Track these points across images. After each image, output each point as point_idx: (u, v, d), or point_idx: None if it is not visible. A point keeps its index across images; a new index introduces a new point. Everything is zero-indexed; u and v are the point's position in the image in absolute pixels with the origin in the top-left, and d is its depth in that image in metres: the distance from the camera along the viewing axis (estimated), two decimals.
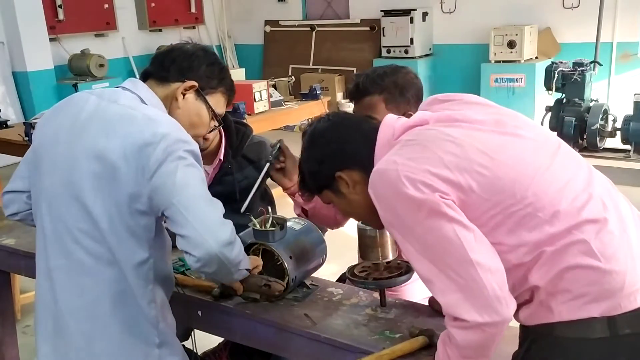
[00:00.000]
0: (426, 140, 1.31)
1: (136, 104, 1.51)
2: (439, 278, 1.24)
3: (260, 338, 1.75)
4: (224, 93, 1.70)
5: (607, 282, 1.19)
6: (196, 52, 1.66)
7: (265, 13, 9.28)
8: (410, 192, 1.22)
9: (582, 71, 5.58)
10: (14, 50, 6.85)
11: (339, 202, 1.48)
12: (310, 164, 1.49)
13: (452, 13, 7.50)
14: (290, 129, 7.58)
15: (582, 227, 1.21)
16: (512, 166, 1.25)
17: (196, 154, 1.48)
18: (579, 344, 1.22)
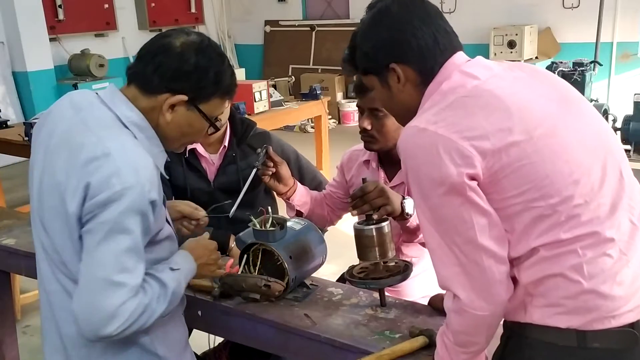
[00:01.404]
0: (474, 106, 1.22)
1: (105, 134, 1.35)
2: (442, 250, 1.23)
3: (260, 338, 1.75)
4: (222, 96, 1.47)
5: (583, 301, 1.17)
6: (184, 54, 1.39)
7: (265, 13, 9.29)
8: (440, 162, 1.17)
9: (582, 71, 5.57)
10: (14, 50, 6.84)
11: (381, 92, 1.38)
12: (366, 43, 1.35)
13: (452, 13, 7.49)
14: (290, 129, 7.58)
15: (587, 240, 1.17)
16: (552, 160, 1.19)
17: (144, 202, 1.33)
18: (548, 347, 1.21)
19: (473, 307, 1.21)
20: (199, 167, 2.35)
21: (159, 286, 1.41)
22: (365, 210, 1.71)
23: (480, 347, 1.30)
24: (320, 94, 5.42)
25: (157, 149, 1.45)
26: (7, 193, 5.26)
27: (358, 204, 1.72)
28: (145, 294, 1.37)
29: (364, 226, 1.70)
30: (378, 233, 1.68)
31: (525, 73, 1.32)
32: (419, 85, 1.32)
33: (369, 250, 1.69)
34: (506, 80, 1.27)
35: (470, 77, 1.27)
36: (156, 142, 1.45)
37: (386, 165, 2.06)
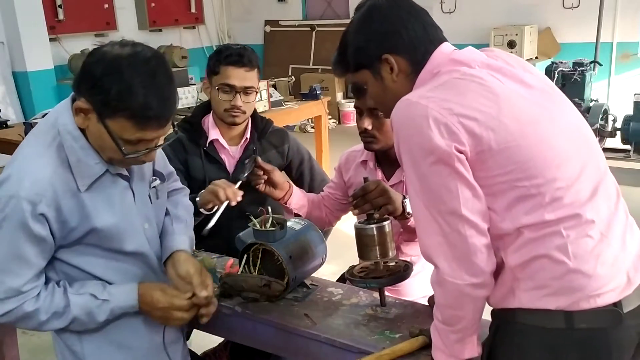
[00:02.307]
0: (465, 88, 1.28)
1: (30, 140, 1.49)
2: (427, 219, 1.27)
3: (260, 338, 1.75)
4: (129, 118, 1.35)
5: (569, 281, 1.21)
6: (100, 62, 1.35)
7: (265, 13, 9.29)
8: (430, 133, 1.21)
9: (582, 71, 5.58)
10: (14, 50, 6.84)
11: (374, 85, 1.42)
12: (359, 38, 1.41)
13: (452, 13, 7.50)
14: (290, 129, 7.58)
15: (570, 222, 1.22)
16: (536, 144, 1.24)
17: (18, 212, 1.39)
18: (538, 331, 1.25)
19: (453, 277, 1.25)
20: (218, 158, 2.37)
21: (62, 305, 1.49)
22: (367, 209, 1.71)
23: (468, 324, 1.31)
24: (320, 94, 5.42)
25: (92, 161, 1.45)
26: None
27: (359, 204, 1.72)
28: (35, 301, 1.47)
29: (365, 225, 1.70)
30: (379, 232, 1.68)
31: (511, 64, 1.37)
32: (410, 74, 1.38)
33: (370, 250, 1.69)
34: (494, 69, 1.34)
35: (460, 64, 1.34)
36: (91, 153, 1.45)
37: (384, 165, 2.06)
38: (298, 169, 2.49)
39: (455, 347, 1.33)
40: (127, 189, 1.56)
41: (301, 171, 2.49)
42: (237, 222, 2.32)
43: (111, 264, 1.55)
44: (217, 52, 2.30)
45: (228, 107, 2.26)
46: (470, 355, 1.34)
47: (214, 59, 2.29)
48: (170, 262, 1.62)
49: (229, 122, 2.31)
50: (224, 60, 2.25)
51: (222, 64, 2.25)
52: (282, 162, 2.44)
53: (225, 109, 2.27)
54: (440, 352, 1.36)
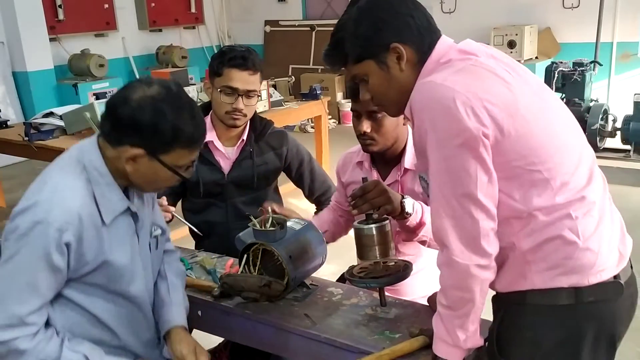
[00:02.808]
0: (484, 75, 1.31)
1: (57, 171, 1.51)
2: (441, 201, 1.30)
3: (260, 338, 1.75)
4: (184, 147, 1.46)
5: (580, 259, 1.28)
6: (139, 109, 1.42)
7: (265, 13, 9.29)
8: (458, 115, 1.23)
9: (582, 71, 5.58)
10: (14, 50, 6.84)
11: (378, 75, 1.40)
12: (363, 27, 1.38)
13: (452, 13, 7.50)
14: (290, 129, 7.58)
15: (576, 204, 1.29)
16: (545, 130, 1.31)
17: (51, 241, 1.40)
18: (548, 309, 1.31)
19: (462, 257, 1.28)
20: (212, 160, 2.37)
21: (53, 355, 1.46)
22: (365, 209, 1.71)
23: (472, 308, 1.33)
24: (320, 94, 5.41)
25: (115, 197, 1.51)
26: (7, 193, 5.26)
27: (358, 204, 1.71)
28: (30, 340, 1.43)
29: (364, 225, 1.69)
30: (378, 232, 1.68)
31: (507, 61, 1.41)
32: (416, 64, 1.39)
33: (369, 250, 1.69)
34: (498, 59, 1.38)
35: (469, 53, 1.36)
36: (115, 190, 1.51)
37: (379, 165, 2.07)
38: (297, 171, 2.49)
39: (459, 334, 1.34)
40: (134, 233, 1.59)
41: (301, 173, 2.49)
42: (234, 223, 2.35)
43: (111, 307, 1.56)
44: (221, 53, 2.29)
45: (230, 109, 2.26)
46: (473, 344, 1.37)
47: (217, 60, 2.27)
48: (168, 340, 1.65)
49: (229, 125, 2.30)
50: (228, 62, 2.24)
51: (226, 66, 2.24)
52: (280, 164, 2.43)
53: (227, 111, 2.26)
54: (442, 343, 1.37)
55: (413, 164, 2.01)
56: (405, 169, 2.01)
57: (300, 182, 2.52)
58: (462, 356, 1.38)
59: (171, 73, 4.89)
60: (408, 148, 2.02)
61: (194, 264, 2.08)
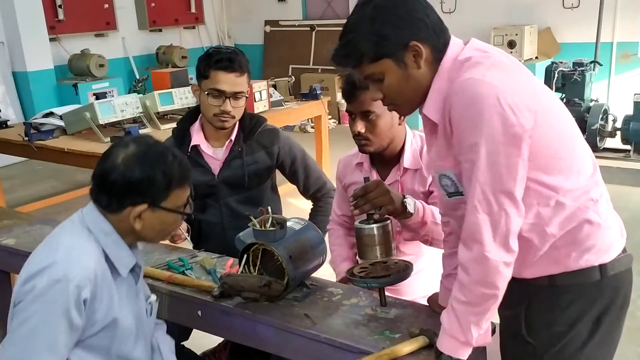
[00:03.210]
0: (512, 69, 1.36)
1: (65, 233, 1.53)
2: (478, 197, 1.31)
3: (260, 338, 1.75)
4: (179, 187, 1.54)
5: (603, 237, 1.39)
6: (128, 169, 1.47)
7: (265, 13, 9.29)
8: (505, 113, 1.26)
9: (582, 71, 5.58)
10: (14, 50, 6.84)
11: (396, 74, 1.39)
12: (381, 25, 1.36)
13: (452, 13, 7.50)
14: (290, 129, 7.58)
15: (594, 187, 1.40)
16: (560, 120, 1.39)
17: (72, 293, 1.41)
18: (576, 288, 1.40)
19: (493, 254, 1.31)
20: (201, 162, 2.37)
21: None
22: (367, 209, 1.70)
23: (491, 305, 1.36)
24: (320, 94, 5.41)
25: (124, 253, 1.55)
26: (7, 193, 5.26)
27: (359, 203, 1.71)
28: None
29: (365, 225, 1.69)
30: (380, 232, 1.67)
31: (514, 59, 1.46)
32: (433, 62, 1.40)
33: (370, 250, 1.69)
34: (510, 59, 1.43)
35: (482, 51, 1.40)
36: (123, 246, 1.55)
37: (378, 166, 2.07)
38: (291, 168, 2.46)
39: (472, 330, 1.36)
40: (136, 294, 1.61)
41: (294, 170, 2.47)
42: (230, 223, 2.37)
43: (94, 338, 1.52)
44: (208, 55, 2.28)
45: (217, 112, 2.26)
46: (483, 342, 1.41)
47: (204, 62, 2.27)
48: None
49: (217, 127, 2.31)
50: (215, 64, 2.23)
51: (213, 69, 2.23)
52: (272, 163, 2.42)
53: (215, 113, 2.26)
54: (451, 340, 1.38)
55: (412, 164, 2.02)
56: (405, 168, 2.01)
57: (294, 179, 2.50)
58: (468, 353, 1.39)
59: (171, 73, 4.88)
60: (407, 148, 2.02)
61: (194, 264, 2.08)
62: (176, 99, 4.22)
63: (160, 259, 2.13)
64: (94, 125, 3.88)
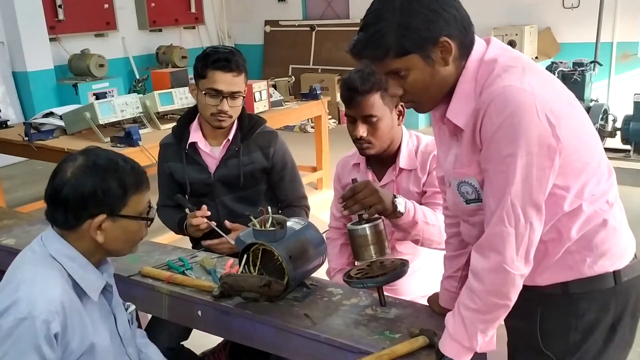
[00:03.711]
0: (543, 73, 1.35)
1: (27, 264, 1.48)
2: (506, 209, 1.27)
3: (260, 338, 1.75)
4: (136, 192, 1.50)
5: (618, 242, 1.38)
6: (79, 181, 1.44)
7: (265, 13, 9.29)
8: (541, 124, 1.24)
9: (582, 71, 5.57)
10: (14, 50, 6.84)
11: (422, 71, 1.32)
12: (413, 20, 1.28)
13: None
14: (290, 129, 7.58)
15: (611, 191, 1.38)
16: (584, 124, 1.37)
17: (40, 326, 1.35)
18: (590, 296, 1.38)
19: (512, 267, 1.29)
20: (199, 160, 2.39)
21: None
22: (356, 210, 1.69)
23: (501, 314, 1.34)
24: (320, 94, 5.41)
25: (92, 276, 1.51)
26: (7, 193, 5.26)
27: (348, 204, 1.70)
28: None
29: (356, 226, 1.68)
30: (371, 231, 1.66)
31: None
32: (457, 59, 1.35)
33: (365, 250, 1.67)
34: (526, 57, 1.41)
35: (506, 50, 1.38)
36: (90, 269, 1.51)
37: (374, 166, 2.08)
38: (279, 173, 2.46)
39: (478, 337, 1.34)
40: (110, 312, 1.59)
41: (282, 176, 2.47)
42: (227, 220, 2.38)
43: None
44: (205, 55, 2.28)
45: (214, 111, 2.26)
46: (487, 349, 1.38)
47: (201, 62, 2.27)
48: None
49: (215, 126, 2.32)
50: (212, 64, 2.23)
51: (210, 68, 2.24)
52: (267, 164, 2.42)
53: (212, 113, 2.27)
54: (455, 344, 1.36)
55: (408, 164, 2.02)
56: (401, 168, 2.01)
57: (278, 185, 2.48)
58: (469, 357, 1.37)
59: (171, 73, 4.88)
60: (403, 148, 2.02)
61: (194, 264, 2.08)
62: (176, 99, 4.22)
63: (160, 259, 2.13)
64: (94, 125, 3.88)
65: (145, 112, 4.16)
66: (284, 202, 2.51)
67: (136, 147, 3.68)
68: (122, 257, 1.69)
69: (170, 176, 2.45)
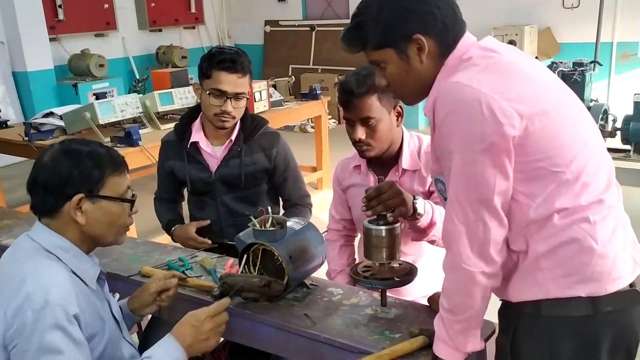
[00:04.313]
0: (508, 73, 1.29)
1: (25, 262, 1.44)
2: (454, 206, 1.28)
3: (260, 338, 1.75)
4: (114, 173, 1.50)
5: (598, 265, 1.25)
6: (57, 164, 1.45)
7: (265, 13, 9.30)
8: (483, 119, 1.21)
9: (582, 71, 5.57)
10: (14, 50, 6.84)
11: (397, 65, 1.36)
12: (388, 14, 1.34)
13: None
14: (290, 129, 7.58)
15: (595, 207, 1.26)
16: (570, 129, 1.29)
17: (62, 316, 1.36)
18: (564, 322, 1.28)
19: (469, 264, 1.27)
20: (199, 159, 2.40)
21: None
22: (379, 211, 1.66)
23: (474, 314, 1.32)
24: (320, 94, 5.41)
25: (86, 265, 1.52)
26: (7, 193, 5.26)
27: (372, 204, 1.67)
28: None
29: (375, 226, 1.66)
30: (388, 234, 1.65)
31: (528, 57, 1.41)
32: (438, 58, 1.35)
33: (377, 251, 1.66)
34: (521, 57, 1.37)
35: (490, 51, 1.33)
36: (84, 259, 1.52)
37: (376, 168, 2.06)
38: (282, 175, 2.47)
39: (459, 338, 1.34)
40: (104, 299, 1.60)
41: (285, 177, 2.48)
42: (227, 220, 2.43)
43: None
44: (210, 55, 2.28)
45: (218, 111, 2.27)
46: (473, 348, 1.36)
47: (206, 62, 2.28)
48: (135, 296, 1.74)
49: (218, 126, 2.32)
50: (217, 65, 2.24)
51: (215, 69, 2.24)
52: (269, 165, 2.43)
53: (215, 113, 2.27)
54: (443, 344, 1.37)
55: (411, 164, 2.01)
56: (403, 169, 2.01)
57: (282, 187, 2.50)
58: (462, 358, 1.37)
59: (171, 73, 4.88)
60: (405, 149, 2.01)
61: (194, 264, 2.08)
62: (176, 99, 4.23)
63: (160, 259, 2.13)
64: (94, 125, 3.88)
65: (145, 112, 4.16)
66: (287, 202, 2.54)
67: (136, 147, 3.68)
68: (122, 257, 1.70)
69: (170, 173, 2.47)
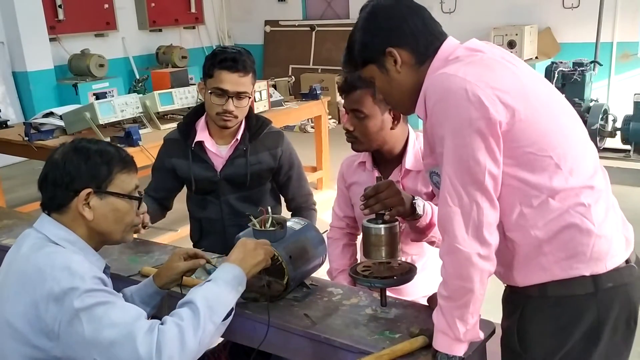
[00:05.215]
0: (493, 66, 1.38)
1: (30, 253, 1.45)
2: (449, 189, 1.34)
3: (260, 338, 1.75)
4: (122, 170, 1.53)
5: (597, 245, 1.34)
6: (66, 159, 1.49)
7: (265, 13, 9.30)
8: (469, 105, 1.29)
9: (582, 71, 5.58)
10: (14, 50, 6.85)
11: (380, 78, 1.51)
12: (364, 34, 1.50)
13: (452, 13, 7.50)
14: (290, 129, 7.58)
15: (587, 191, 1.35)
16: (553, 118, 1.38)
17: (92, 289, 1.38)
18: (569, 300, 1.36)
19: (465, 245, 1.32)
20: (205, 158, 2.40)
21: (187, 311, 1.43)
22: (377, 209, 1.68)
23: (472, 299, 1.35)
24: (320, 94, 5.42)
25: (93, 257, 1.53)
26: (7, 193, 5.26)
27: (370, 203, 1.69)
28: (163, 332, 1.37)
29: (374, 225, 1.67)
30: (387, 233, 1.66)
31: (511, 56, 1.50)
32: (414, 65, 1.47)
33: (376, 250, 1.67)
34: (506, 55, 1.47)
35: (475, 50, 1.43)
36: (90, 252, 1.52)
37: (380, 165, 2.07)
38: (287, 174, 2.48)
39: (459, 326, 1.36)
40: None
41: (289, 176, 2.49)
42: (230, 220, 2.40)
43: None
44: (213, 54, 2.30)
45: (220, 111, 2.27)
46: (472, 337, 1.39)
47: (209, 61, 2.29)
48: None
49: (220, 126, 2.32)
50: (219, 64, 2.25)
51: (217, 68, 2.25)
52: (274, 164, 2.43)
53: (217, 112, 2.28)
54: (443, 337, 1.39)
55: (414, 165, 2.01)
56: (407, 169, 2.01)
57: (285, 186, 2.51)
58: (463, 350, 1.38)
59: (171, 73, 4.89)
60: (409, 149, 2.01)
61: None
62: (176, 99, 4.23)
63: (161, 259, 2.13)
64: (94, 125, 3.88)
65: (145, 112, 4.16)
66: (292, 201, 2.54)
67: (136, 147, 3.68)
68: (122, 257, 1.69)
69: (169, 171, 2.44)
